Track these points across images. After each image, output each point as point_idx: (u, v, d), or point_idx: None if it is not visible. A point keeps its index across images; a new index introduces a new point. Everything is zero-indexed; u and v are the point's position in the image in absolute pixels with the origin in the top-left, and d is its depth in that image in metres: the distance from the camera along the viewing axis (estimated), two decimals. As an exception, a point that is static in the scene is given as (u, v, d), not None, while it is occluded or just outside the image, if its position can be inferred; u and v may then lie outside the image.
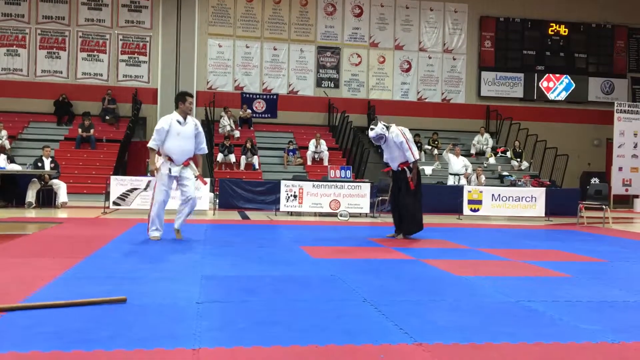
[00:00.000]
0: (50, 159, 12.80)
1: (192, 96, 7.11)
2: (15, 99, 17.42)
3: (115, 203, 11.39)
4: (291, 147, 16.89)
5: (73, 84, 17.86)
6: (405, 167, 7.77)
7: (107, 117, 17.43)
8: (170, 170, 6.93)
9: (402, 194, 7.79)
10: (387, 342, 2.94)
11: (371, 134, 7.85)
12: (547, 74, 20.21)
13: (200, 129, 7.20)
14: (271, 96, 18.61)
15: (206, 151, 7.34)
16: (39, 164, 12.59)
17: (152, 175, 7.32)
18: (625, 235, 9.32)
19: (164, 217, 7.08)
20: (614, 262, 6.16)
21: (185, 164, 7.02)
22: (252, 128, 18.05)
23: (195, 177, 7.15)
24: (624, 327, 3.38)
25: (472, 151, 18.23)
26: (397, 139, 7.71)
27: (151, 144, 6.95)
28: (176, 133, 6.89)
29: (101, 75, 18.11)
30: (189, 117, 7.08)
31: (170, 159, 6.94)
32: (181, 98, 7.01)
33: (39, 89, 17.61)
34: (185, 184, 7.01)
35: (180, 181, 7.03)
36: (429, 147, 18.10)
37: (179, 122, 6.95)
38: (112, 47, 18.17)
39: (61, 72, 17.91)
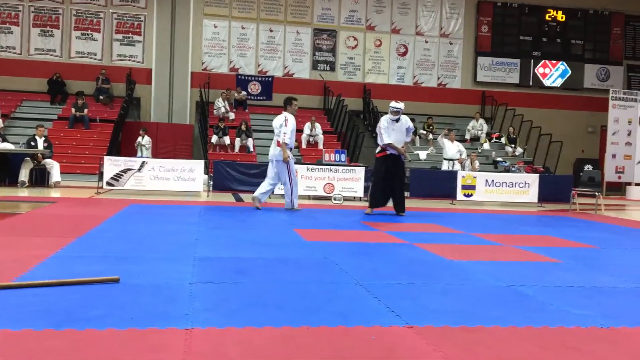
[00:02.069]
0: (43, 138, 12.72)
1: (297, 100, 9.32)
2: (8, 78, 17.27)
3: (108, 183, 11.36)
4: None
5: (66, 63, 17.71)
6: (402, 152, 8.66)
7: (101, 97, 17.32)
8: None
9: (399, 177, 8.71)
10: (379, 324, 2.96)
11: (396, 104, 8.69)
12: (543, 60, 20.19)
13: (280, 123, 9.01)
14: (266, 78, 18.52)
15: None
16: (32, 143, 12.52)
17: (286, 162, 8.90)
18: (617, 222, 9.39)
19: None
20: (604, 248, 6.21)
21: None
22: (247, 110, 17.98)
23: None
24: (613, 312, 3.41)
25: (467, 136, 18.24)
26: (408, 124, 8.75)
27: (287, 139, 8.77)
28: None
29: (95, 54, 17.96)
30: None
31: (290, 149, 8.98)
32: (289, 102, 9.16)
33: (32, 67, 17.45)
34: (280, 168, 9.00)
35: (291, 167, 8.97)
36: (424, 132, 18.09)
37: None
38: (107, 26, 18.00)
39: (55, 51, 17.75)
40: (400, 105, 8.70)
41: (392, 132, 8.62)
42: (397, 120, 8.65)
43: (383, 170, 8.68)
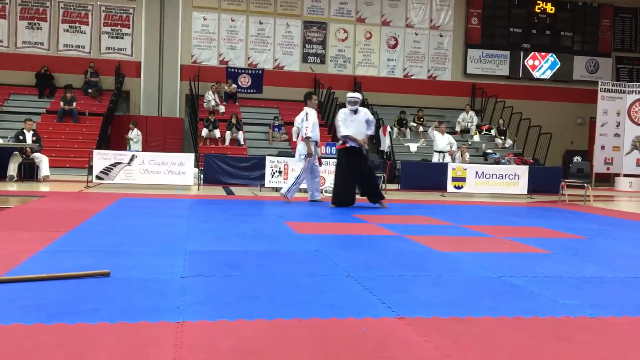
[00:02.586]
0: (32, 132, 12.63)
1: (315, 94, 9.08)
2: (-4, 71, 17.10)
3: (98, 177, 11.29)
4: (276, 123, 16.82)
5: (54, 56, 17.55)
6: (361, 144, 8.53)
7: (90, 90, 17.20)
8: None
9: (362, 166, 8.58)
10: (370, 316, 2.97)
11: (353, 94, 8.76)
12: (532, 52, 20.25)
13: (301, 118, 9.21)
14: (257, 71, 18.46)
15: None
16: (21, 137, 12.42)
17: (310, 156, 9.07)
18: (605, 213, 9.46)
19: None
20: (593, 239, 6.26)
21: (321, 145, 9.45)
22: (237, 103, 17.93)
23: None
24: (601, 302, 3.44)
25: (457, 129, 18.29)
26: (368, 116, 8.64)
27: (309, 133, 8.88)
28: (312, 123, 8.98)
29: (83, 47, 17.82)
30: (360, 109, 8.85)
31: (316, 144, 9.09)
32: (309, 97, 9.26)
33: (20, 60, 17.29)
34: (317, 163, 9.20)
35: (314, 160, 9.07)
36: (414, 124, 18.12)
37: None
38: (95, 19, 17.85)
39: (42, 44, 17.59)
40: (359, 95, 8.73)
41: (350, 123, 8.50)
42: (356, 112, 8.55)
43: (344, 164, 8.57)
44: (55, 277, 3.52)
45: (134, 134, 15.92)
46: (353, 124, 8.51)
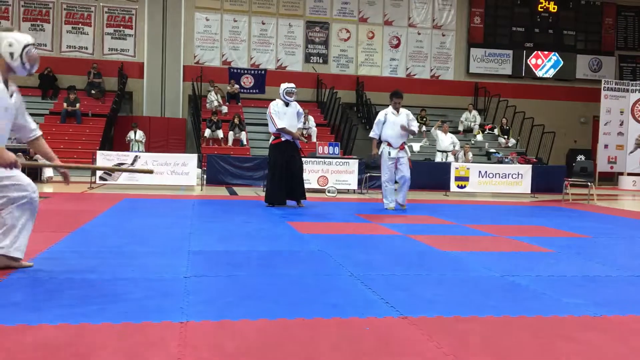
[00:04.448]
0: (35, 134, 12.64)
1: (398, 97, 8.54)
2: (-1, 72, 17.14)
3: (101, 178, 11.32)
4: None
5: (58, 57, 17.58)
6: (297, 137, 8.30)
7: (93, 92, 17.22)
8: (389, 153, 8.36)
9: (297, 162, 8.32)
10: (373, 315, 2.97)
11: (291, 84, 8.41)
12: (535, 51, 20.21)
13: (412, 116, 8.71)
14: (259, 71, 18.46)
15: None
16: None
17: (373, 158, 8.87)
18: (609, 212, 9.44)
19: (393, 191, 8.50)
20: (597, 238, 6.25)
21: (401, 148, 8.41)
22: (239, 103, 17.93)
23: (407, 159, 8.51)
24: (605, 301, 3.44)
25: (460, 128, 18.27)
26: (298, 108, 8.43)
27: (371, 134, 8.55)
28: (392, 123, 8.35)
29: (86, 48, 17.84)
30: (402, 110, 8.53)
31: (389, 144, 8.37)
32: (394, 95, 8.60)
33: (23, 62, 17.29)
34: (402, 163, 8.42)
35: (397, 163, 8.40)
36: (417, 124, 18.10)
37: (393, 114, 8.45)
38: (97, 20, 17.88)
39: (45, 45, 17.61)
40: (293, 86, 8.38)
41: (283, 116, 8.18)
42: (287, 105, 8.27)
43: (279, 159, 8.19)
44: (102, 168, 3.53)
45: (139, 135, 15.95)
46: (287, 117, 8.20)
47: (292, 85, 8.40)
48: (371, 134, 8.61)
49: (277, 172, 8.21)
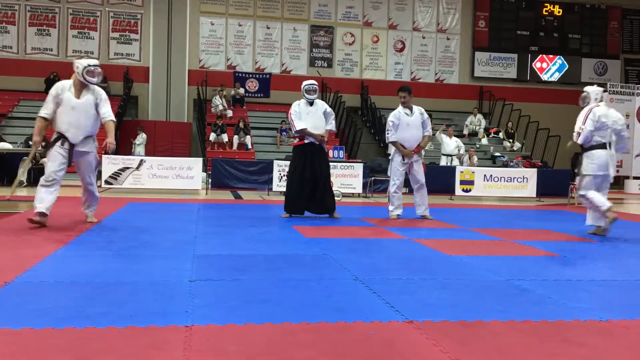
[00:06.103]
0: (41, 138, 12.69)
1: (403, 90, 7.81)
2: (5, 77, 17.24)
3: (107, 182, 11.35)
4: (284, 127, 16.84)
5: (64, 62, 17.65)
6: (321, 140, 7.40)
7: (99, 96, 17.28)
8: (403, 157, 7.67)
9: (321, 169, 7.36)
10: (378, 320, 2.97)
11: (312, 81, 7.65)
12: (540, 55, 20.18)
13: (426, 115, 7.96)
14: (264, 75, 18.50)
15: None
16: (30, 143, 12.48)
17: (411, 155, 7.69)
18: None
19: (401, 198, 7.83)
20: (603, 242, 6.22)
21: (416, 151, 7.68)
22: (244, 107, 17.97)
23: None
24: (611, 305, 3.42)
25: (465, 132, 18.25)
26: (325, 107, 7.59)
27: (391, 138, 7.68)
28: (406, 124, 7.63)
29: (92, 53, 17.92)
30: (415, 108, 7.84)
31: (403, 147, 7.65)
32: (399, 89, 7.89)
33: (29, 66, 17.42)
34: (416, 169, 7.72)
35: (411, 167, 7.70)
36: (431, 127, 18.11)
37: (406, 114, 7.72)
38: (103, 25, 17.96)
39: (51, 50, 17.72)
40: (315, 82, 7.61)
41: (305, 116, 7.35)
42: (312, 104, 7.47)
43: (300, 163, 7.34)
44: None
45: (140, 139, 16.00)
46: (310, 117, 7.36)
47: (312, 82, 7.60)
48: (391, 138, 7.68)
49: (296, 177, 7.34)
